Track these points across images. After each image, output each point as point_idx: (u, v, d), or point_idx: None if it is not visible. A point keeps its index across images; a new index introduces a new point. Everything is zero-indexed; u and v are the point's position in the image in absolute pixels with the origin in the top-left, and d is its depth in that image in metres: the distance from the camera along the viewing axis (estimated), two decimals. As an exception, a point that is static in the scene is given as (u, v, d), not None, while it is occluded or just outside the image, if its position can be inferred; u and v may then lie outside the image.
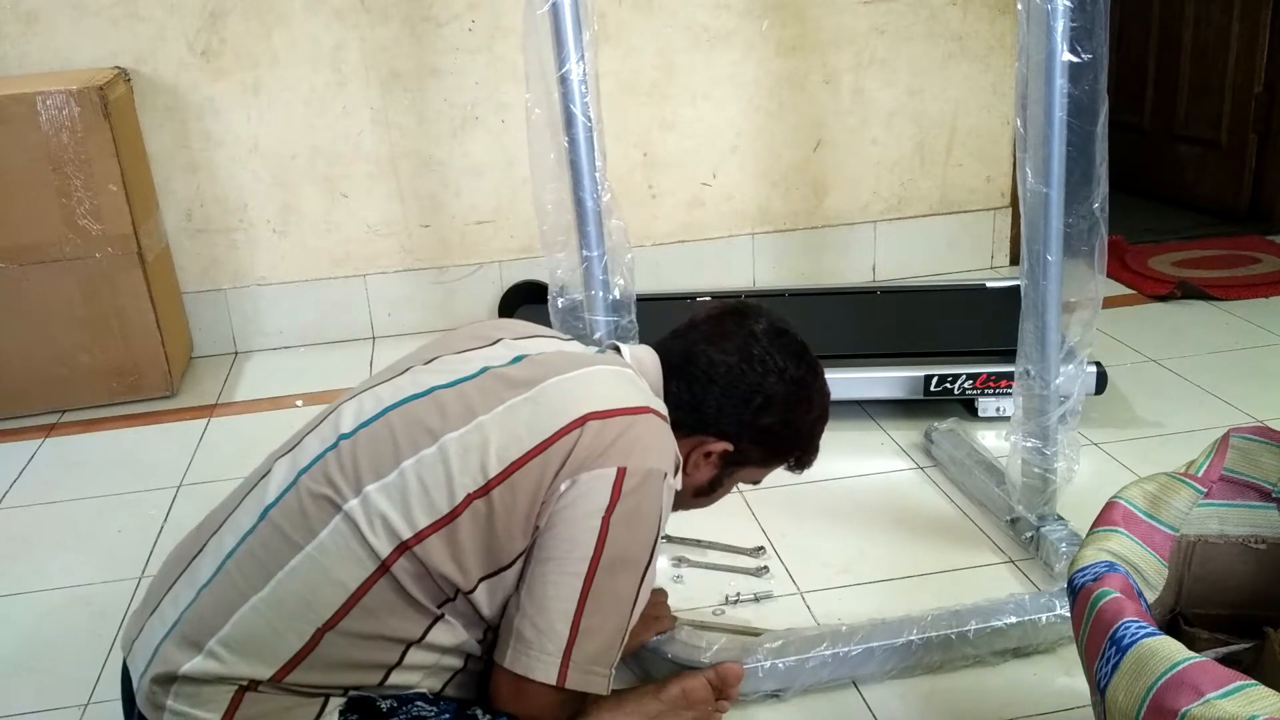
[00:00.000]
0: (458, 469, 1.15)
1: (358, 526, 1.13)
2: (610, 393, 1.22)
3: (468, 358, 1.28)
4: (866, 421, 2.36)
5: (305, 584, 1.14)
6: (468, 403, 1.20)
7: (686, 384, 1.31)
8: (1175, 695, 0.95)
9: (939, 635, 1.56)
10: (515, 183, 2.93)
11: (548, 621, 1.15)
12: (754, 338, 1.32)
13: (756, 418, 1.31)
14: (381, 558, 1.13)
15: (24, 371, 2.57)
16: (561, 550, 1.15)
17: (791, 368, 1.32)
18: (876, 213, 3.17)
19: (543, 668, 1.16)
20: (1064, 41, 1.51)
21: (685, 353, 1.33)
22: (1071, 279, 1.65)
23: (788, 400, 1.33)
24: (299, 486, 1.18)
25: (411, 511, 1.14)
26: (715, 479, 1.38)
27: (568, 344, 1.36)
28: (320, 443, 1.22)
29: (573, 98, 1.54)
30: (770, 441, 1.35)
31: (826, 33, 2.96)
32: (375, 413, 1.22)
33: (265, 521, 1.18)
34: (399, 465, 1.16)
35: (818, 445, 1.42)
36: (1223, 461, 1.32)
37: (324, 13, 2.73)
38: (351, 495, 1.15)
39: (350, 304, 2.98)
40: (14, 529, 2.13)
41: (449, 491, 1.14)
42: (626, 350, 1.35)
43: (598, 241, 1.61)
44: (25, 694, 1.65)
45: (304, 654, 1.13)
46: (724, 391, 1.30)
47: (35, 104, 2.39)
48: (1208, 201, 3.69)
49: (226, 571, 1.17)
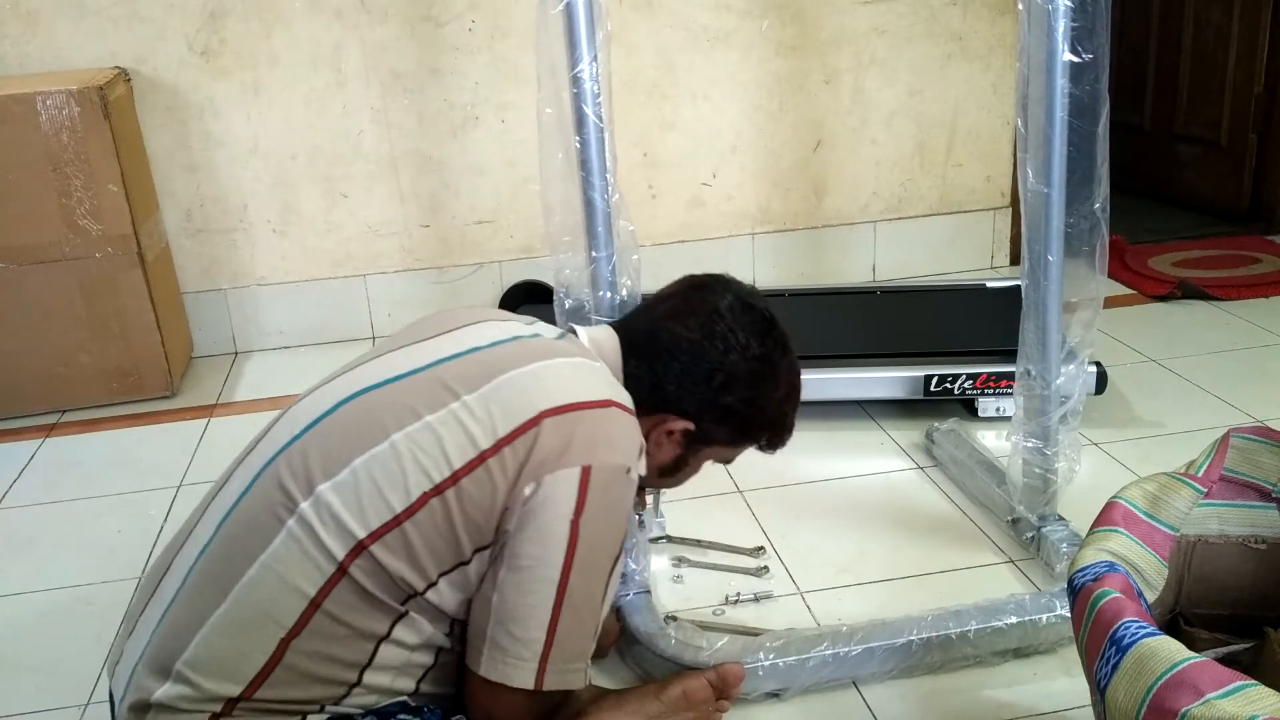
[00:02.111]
0: (411, 467, 1.12)
1: (311, 529, 1.11)
2: (567, 387, 1.18)
3: (424, 348, 1.24)
4: (866, 421, 2.36)
5: (264, 595, 1.11)
6: (418, 399, 1.16)
7: (648, 363, 1.28)
8: (1175, 695, 0.95)
9: (939, 635, 1.56)
10: (515, 183, 2.93)
11: (524, 629, 1.13)
12: (718, 314, 1.29)
13: (718, 396, 1.28)
14: (338, 560, 1.10)
15: (24, 371, 2.57)
16: (533, 558, 1.13)
17: (755, 345, 1.29)
18: (876, 213, 3.17)
19: (520, 675, 1.14)
20: (1065, 41, 1.51)
21: (648, 330, 1.31)
22: (1072, 279, 1.65)
23: (751, 378, 1.29)
24: (251, 494, 1.16)
25: (364, 511, 1.11)
26: (680, 458, 1.34)
27: (530, 328, 1.31)
28: (272, 446, 1.19)
29: (585, 98, 1.53)
30: (734, 421, 1.32)
31: (826, 33, 2.96)
32: (325, 410, 1.19)
33: (220, 535, 1.15)
34: (350, 463, 1.13)
35: (789, 425, 1.38)
36: (1223, 461, 1.32)
37: (324, 13, 2.73)
38: (303, 497, 1.12)
39: (350, 304, 2.98)
40: (14, 529, 2.13)
41: (404, 490, 1.11)
42: (584, 334, 1.31)
43: (606, 242, 1.60)
44: (25, 694, 1.65)
45: (271, 666, 1.11)
46: (685, 369, 1.27)
47: (35, 104, 2.39)
48: (1208, 201, 3.69)
49: (187, 590, 1.15)
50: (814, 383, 2.29)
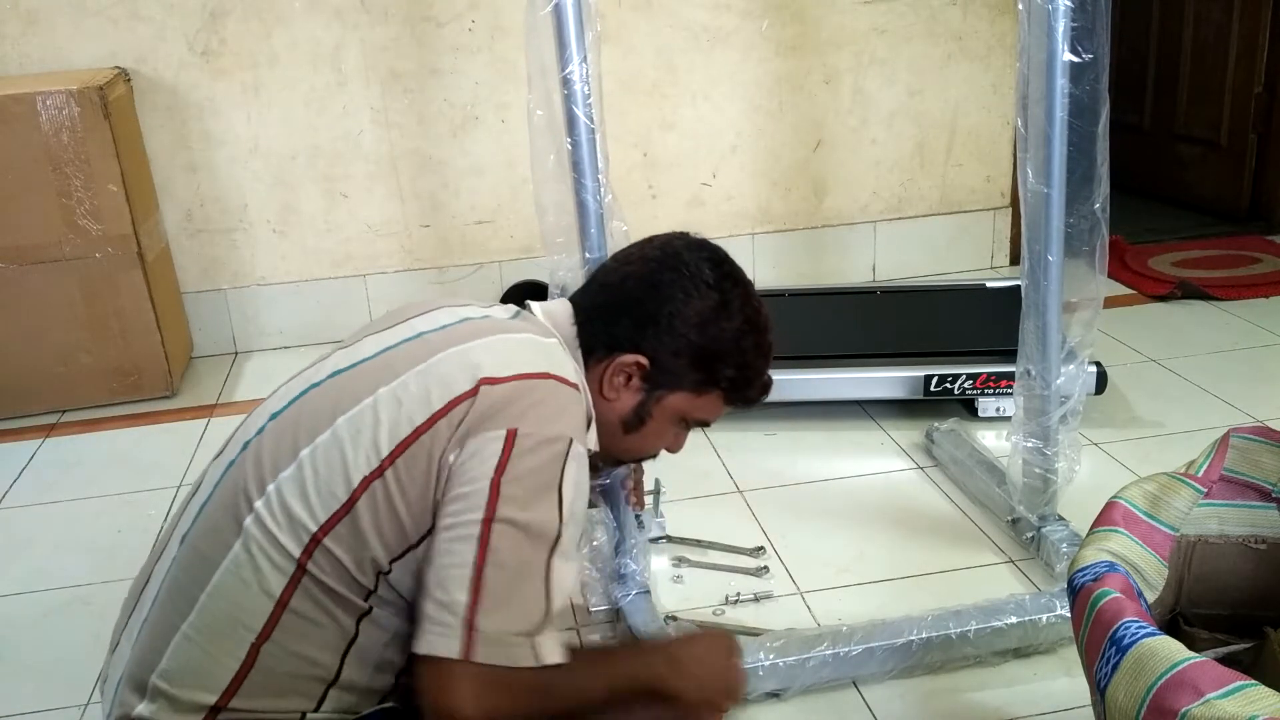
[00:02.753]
0: (350, 453, 1.10)
1: (267, 528, 1.09)
2: (507, 359, 1.15)
3: (379, 337, 1.23)
4: (866, 421, 2.36)
5: (230, 601, 1.10)
6: (361, 384, 1.15)
7: (600, 310, 1.26)
8: (1175, 695, 0.95)
9: (939, 635, 1.56)
10: (515, 183, 2.93)
11: (446, 592, 1.05)
12: (668, 247, 1.28)
13: (672, 325, 1.24)
14: (295, 557, 1.09)
15: (24, 371, 2.57)
16: (453, 516, 1.07)
17: (707, 271, 1.26)
18: (876, 213, 3.17)
19: (446, 642, 1.03)
20: (1065, 42, 1.51)
21: (600, 282, 1.30)
22: (1072, 279, 1.65)
23: (704, 308, 1.24)
24: (213, 500, 1.15)
25: (312, 503, 1.09)
26: (641, 406, 1.27)
27: (482, 310, 1.28)
28: (235, 449, 1.19)
29: (575, 99, 1.53)
30: (690, 354, 1.25)
31: (826, 33, 2.96)
32: (281, 406, 1.18)
33: (186, 543, 1.14)
34: (297, 456, 1.11)
35: (752, 365, 1.30)
36: (1223, 461, 1.32)
37: (324, 13, 2.73)
38: (258, 496, 1.11)
39: (350, 304, 2.98)
40: (14, 529, 2.14)
41: (345, 477, 1.09)
42: (538, 309, 1.29)
43: (599, 243, 1.61)
44: (25, 694, 1.65)
45: (244, 672, 1.09)
46: (634, 302, 1.25)
47: (35, 104, 2.40)
48: (1208, 201, 3.69)
49: (159, 602, 1.14)
50: (814, 383, 2.31)
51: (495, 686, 1.05)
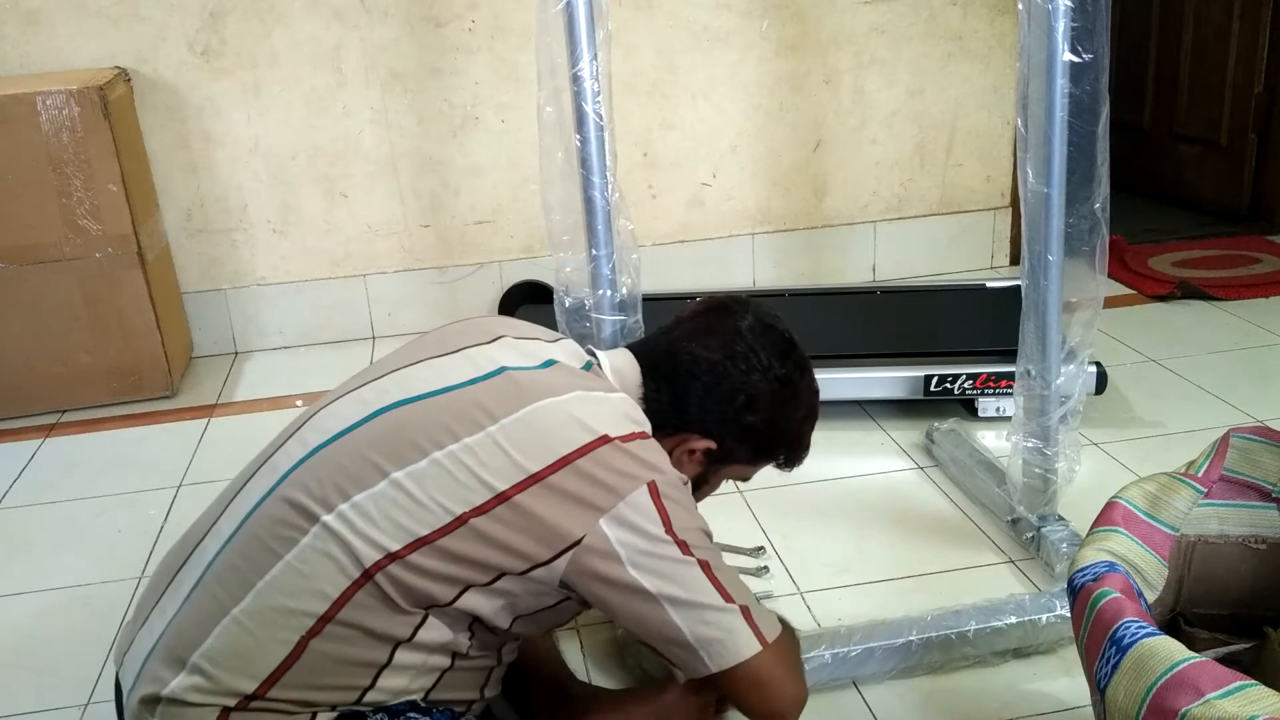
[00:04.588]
0: (450, 485, 1.12)
1: (340, 536, 1.11)
2: (603, 418, 1.19)
3: (454, 364, 1.24)
4: (866, 421, 2.36)
5: (286, 594, 1.11)
6: (454, 419, 1.16)
7: (669, 383, 1.29)
8: (1175, 695, 0.95)
9: (939, 635, 1.56)
10: (515, 183, 2.93)
11: (701, 608, 1.15)
12: (739, 334, 1.30)
13: (740, 416, 1.30)
14: (364, 567, 1.10)
15: (24, 371, 2.57)
16: (671, 579, 1.14)
17: (777, 365, 1.30)
18: (876, 213, 3.17)
19: (736, 640, 1.16)
20: (1065, 42, 1.51)
21: (668, 351, 1.31)
22: (1072, 279, 1.65)
23: (773, 398, 1.31)
24: (278, 494, 1.16)
25: (398, 525, 1.11)
26: (701, 476, 1.36)
27: (553, 347, 1.31)
28: (301, 447, 1.19)
29: (585, 97, 1.54)
30: (755, 440, 1.34)
31: (826, 33, 2.96)
32: (356, 420, 1.19)
33: (244, 530, 1.16)
34: (386, 476, 1.13)
35: (807, 444, 1.41)
36: (1223, 461, 1.32)
37: (324, 13, 2.73)
38: (334, 504, 1.12)
39: (350, 304, 2.98)
40: (14, 529, 2.14)
41: (442, 507, 1.11)
42: (605, 361, 1.32)
43: (606, 241, 1.61)
44: (25, 694, 1.65)
45: (289, 664, 1.10)
46: (707, 389, 1.29)
47: (35, 104, 2.40)
48: (1208, 201, 3.69)
49: (206, 583, 1.15)
50: (814, 383, 2.31)
51: (789, 658, 1.22)
